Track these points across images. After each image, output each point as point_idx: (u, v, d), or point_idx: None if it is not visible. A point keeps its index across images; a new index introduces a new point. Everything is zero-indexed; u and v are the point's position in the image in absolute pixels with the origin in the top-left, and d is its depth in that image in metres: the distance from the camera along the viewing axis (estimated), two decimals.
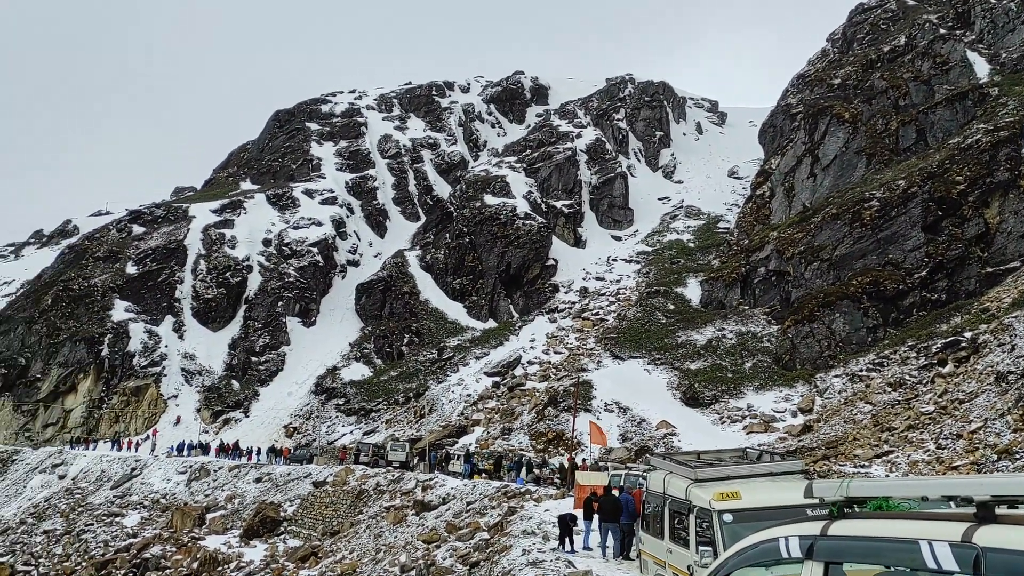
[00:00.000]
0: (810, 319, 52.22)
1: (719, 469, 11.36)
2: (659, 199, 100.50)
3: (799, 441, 40.07)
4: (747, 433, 45.54)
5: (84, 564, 42.20)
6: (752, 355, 55.22)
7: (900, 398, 38.40)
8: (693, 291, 69.27)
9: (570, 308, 75.64)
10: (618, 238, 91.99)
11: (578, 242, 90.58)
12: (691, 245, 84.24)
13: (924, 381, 38.92)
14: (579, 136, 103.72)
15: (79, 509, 50.98)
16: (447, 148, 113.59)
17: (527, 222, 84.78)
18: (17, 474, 59.64)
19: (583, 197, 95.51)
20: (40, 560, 44.56)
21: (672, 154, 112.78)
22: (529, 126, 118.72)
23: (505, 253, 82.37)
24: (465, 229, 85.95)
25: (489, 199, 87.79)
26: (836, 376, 47.01)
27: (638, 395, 52.89)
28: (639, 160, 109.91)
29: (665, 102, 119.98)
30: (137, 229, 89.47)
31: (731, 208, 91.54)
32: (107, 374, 73.64)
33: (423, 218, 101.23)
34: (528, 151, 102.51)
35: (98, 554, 43.32)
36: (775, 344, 54.98)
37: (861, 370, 45.36)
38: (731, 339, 57.97)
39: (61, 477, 57.06)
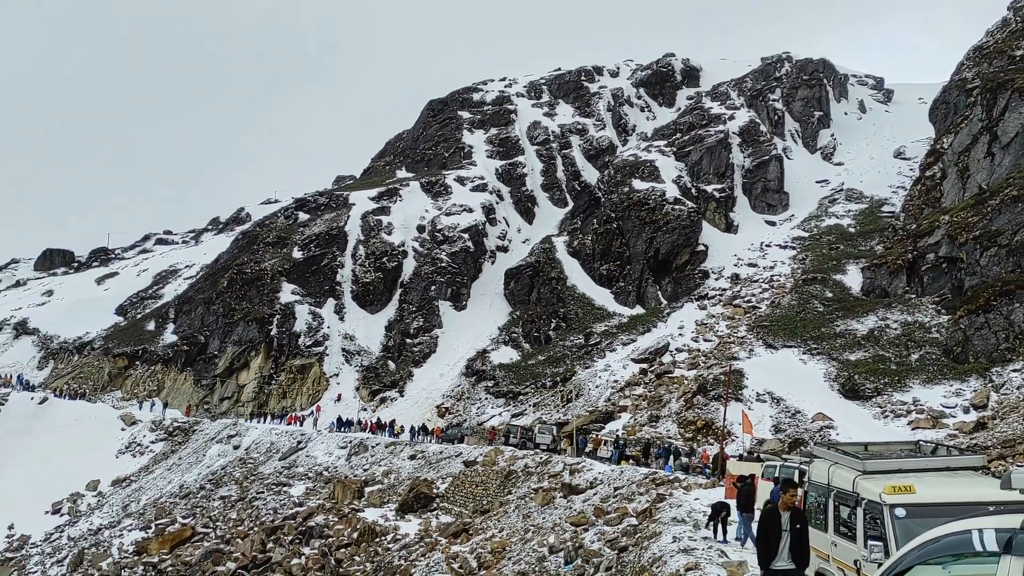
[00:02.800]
0: (986, 309, 48.53)
1: (890, 461, 10.88)
2: (817, 182, 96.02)
3: (971, 439, 37.53)
4: (912, 429, 43.05)
5: (256, 529, 45.38)
6: (919, 346, 52.00)
7: None
8: (853, 278, 66.00)
9: (720, 295, 73.79)
10: (772, 223, 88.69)
11: (729, 227, 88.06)
12: (851, 230, 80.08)
13: None
14: (731, 118, 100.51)
15: (251, 478, 54.78)
16: (595, 133, 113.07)
17: (676, 207, 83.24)
18: (197, 443, 64.64)
19: (735, 181, 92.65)
20: (217, 523, 48.26)
21: (832, 135, 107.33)
22: (679, 109, 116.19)
23: (653, 239, 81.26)
24: (613, 214, 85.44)
25: (637, 184, 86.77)
26: (1015, 370, 43.56)
27: (792, 385, 51.07)
28: (795, 142, 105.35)
29: (825, 80, 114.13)
30: (302, 216, 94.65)
31: (896, 191, 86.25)
32: (276, 353, 78.68)
33: (571, 204, 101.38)
34: (678, 135, 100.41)
35: (268, 520, 46.48)
36: (945, 335, 51.52)
37: None
38: (895, 329, 54.83)
39: (235, 447, 61.39)
